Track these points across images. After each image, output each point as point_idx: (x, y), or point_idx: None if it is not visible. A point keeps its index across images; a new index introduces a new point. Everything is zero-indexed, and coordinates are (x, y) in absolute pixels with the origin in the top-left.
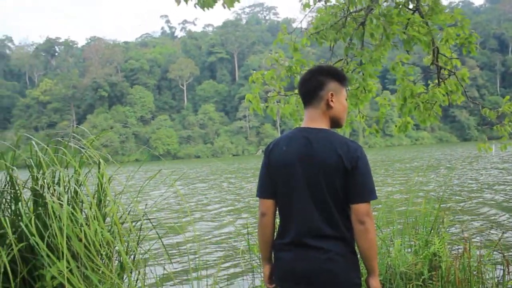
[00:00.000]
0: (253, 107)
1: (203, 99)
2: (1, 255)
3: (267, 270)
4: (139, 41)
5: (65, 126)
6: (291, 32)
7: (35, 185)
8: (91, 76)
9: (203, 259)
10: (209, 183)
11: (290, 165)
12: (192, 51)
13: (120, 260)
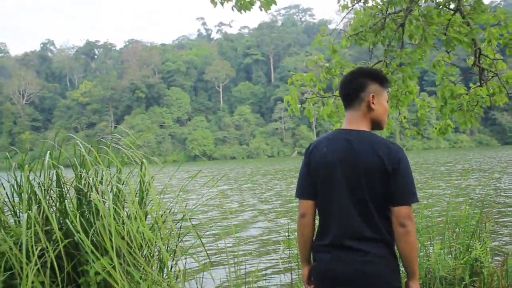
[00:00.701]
0: (292, 109)
1: (239, 101)
2: (49, 251)
3: (305, 270)
4: (176, 43)
5: (103, 126)
6: (330, 33)
7: (79, 183)
8: (129, 77)
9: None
10: (248, 184)
11: (330, 166)
12: (228, 52)
13: (161, 258)
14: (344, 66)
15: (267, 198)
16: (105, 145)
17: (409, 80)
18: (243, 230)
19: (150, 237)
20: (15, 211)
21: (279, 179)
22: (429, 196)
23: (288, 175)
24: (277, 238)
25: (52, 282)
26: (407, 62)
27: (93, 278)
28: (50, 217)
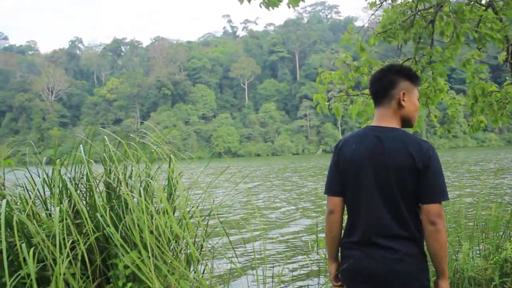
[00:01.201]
0: (320, 107)
1: (264, 98)
2: (80, 243)
3: (333, 268)
4: (201, 40)
5: (130, 123)
6: (358, 31)
7: (108, 178)
8: (155, 75)
9: (269, 254)
10: (276, 182)
11: (360, 163)
12: (253, 50)
13: (188, 253)
14: (372, 64)
15: (295, 195)
16: (134, 141)
17: (439, 78)
18: (271, 227)
19: (178, 232)
20: (46, 204)
21: (307, 177)
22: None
23: (316, 173)
24: (305, 238)
25: (82, 274)
26: (438, 60)
27: (122, 272)
28: (81, 211)
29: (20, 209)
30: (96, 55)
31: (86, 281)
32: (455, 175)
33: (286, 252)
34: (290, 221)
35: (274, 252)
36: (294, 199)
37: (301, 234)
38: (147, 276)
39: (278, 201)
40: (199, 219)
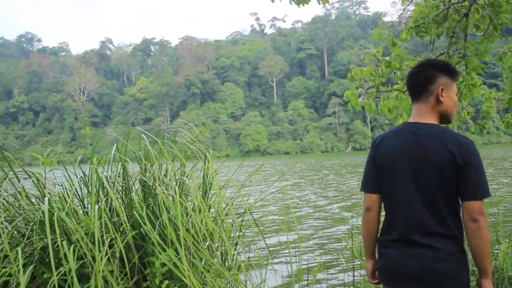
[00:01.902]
0: (352, 104)
1: (292, 95)
2: (118, 241)
3: (370, 265)
4: (229, 39)
5: (159, 122)
6: (389, 26)
7: (143, 176)
8: (184, 74)
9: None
10: (307, 179)
11: (397, 160)
12: (281, 47)
13: (223, 250)
14: (403, 59)
15: (330, 193)
16: (169, 139)
17: (473, 73)
18: (305, 225)
19: (214, 229)
20: (83, 202)
21: (342, 174)
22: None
23: (350, 170)
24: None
25: (119, 272)
26: (473, 53)
27: (158, 269)
28: (119, 209)
29: (59, 207)
30: (126, 55)
31: (124, 278)
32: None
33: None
34: (325, 219)
35: (309, 250)
36: (329, 197)
37: (336, 231)
38: (185, 274)
39: (313, 199)
40: (233, 217)
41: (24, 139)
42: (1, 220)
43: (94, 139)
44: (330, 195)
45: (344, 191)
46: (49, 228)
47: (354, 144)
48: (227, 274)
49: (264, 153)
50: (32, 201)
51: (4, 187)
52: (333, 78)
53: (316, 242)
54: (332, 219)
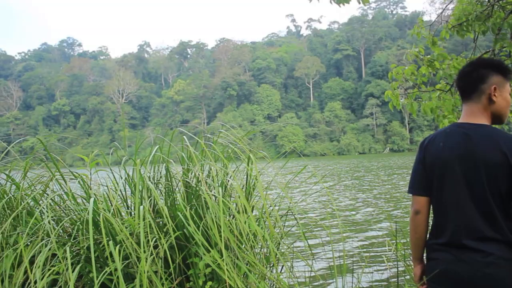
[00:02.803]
0: (393, 104)
1: (329, 97)
2: (162, 242)
3: (418, 270)
4: (265, 40)
5: (197, 124)
6: (429, 25)
7: (186, 177)
8: (220, 76)
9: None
10: (349, 181)
11: (447, 161)
12: (318, 49)
13: (267, 252)
14: (446, 59)
15: (372, 194)
16: (211, 140)
17: None
18: (350, 228)
19: (258, 231)
20: (127, 203)
21: (383, 176)
22: None
23: (390, 172)
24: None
25: (163, 272)
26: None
27: (202, 270)
28: (162, 210)
29: (104, 208)
30: (163, 58)
31: (168, 279)
32: None
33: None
34: (368, 221)
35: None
36: (372, 199)
37: (380, 234)
38: (229, 275)
39: (355, 201)
40: (277, 218)
41: (65, 141)
42: (48, 220)
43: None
44: (373, 196)
45: (388, 193)
46: (91, 228)
47: (392, 146)
48: (271, 275)
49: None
50: (77, 202)
51: (51, 187)
52: (370, 79)
53: (359, 244)
54: (375, 221)
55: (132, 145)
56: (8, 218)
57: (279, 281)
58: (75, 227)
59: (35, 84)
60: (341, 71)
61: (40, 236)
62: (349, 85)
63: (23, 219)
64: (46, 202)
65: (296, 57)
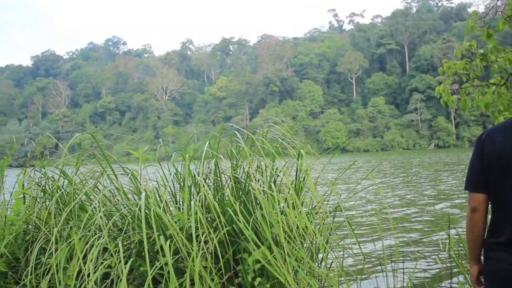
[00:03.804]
0: (444, 99)
1: (372, 92)
2: (213, 237)
3: (475, 270)
4: (307, 36)
5: (239, 120)
6: (483, 17)
7: (235, 173)
8: (262, 72)
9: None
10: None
11: (507, 157)
12: (360, 43)
13: (314, 248)
14: (500, 52)
15: (423, 192)
16: (262, 135)
17: None
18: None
19: (308, 227)
20: (175, 198)
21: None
22: None
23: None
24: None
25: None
26: None
27: (251, 266)
28: (212, 206)
29: (154, 203)
30: (206, 55)
31: (218, 274)
32: None
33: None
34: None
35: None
36: (424, 196)
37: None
38: (278, 271)
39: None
40: (326, 213)
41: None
42: (100, 215)
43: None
44: (425, 194)
45: (440, 190)
46: (144, 222)
47: (437, 141)
48: (321, 272)
49: (344, 150)
50: (128, 197)
51: (102, 182)
52: (415, 74)
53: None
54: (427, 220)
55: (176, 142)
56: (62, 212)
57: (329, 278)
58: (125, 222)
59: (82, 82)
60: (385, 65)
61: (92, 230)
62: (393, 80)
63: (76, 213)
64: (99, 197)
65: (339, 52)
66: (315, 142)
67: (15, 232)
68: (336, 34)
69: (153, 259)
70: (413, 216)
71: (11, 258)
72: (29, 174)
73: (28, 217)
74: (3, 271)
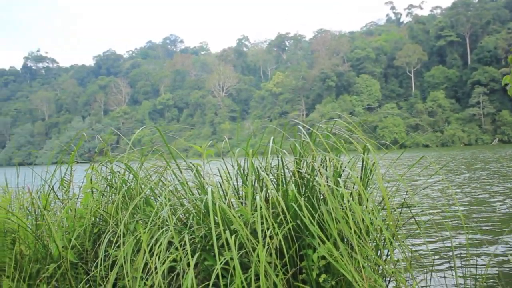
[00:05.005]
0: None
1: (432, 86)
2: (278, 233)
3: None
4: (364, 30)
5: (295, 115)
6: None
7: (298, 168)
8: (319, 67)
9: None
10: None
11: None
12: (419, 36)
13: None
14: None
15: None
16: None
17: None
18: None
19: (375, 222)
20: (238, 193)
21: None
22: None
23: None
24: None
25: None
26: None
27: (316, 263)
28: (276, 201)
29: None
30: (261, 51)
31: (282, 270)
32: None
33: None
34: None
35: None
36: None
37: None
38: (344, 268)
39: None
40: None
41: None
42: (167, 209)
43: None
44: (494, 192)
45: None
46: (213, 217)
47: (501, 136)
48: (390, 270)
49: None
50: (192, 191)
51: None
52: (477, 66)
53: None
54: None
55: (233, 138)
56: (128, 206)
57: (398, 276)
58: (190, 216)
59: (142, 80)
60: (445, 58)
61: (157, 224)
62: (454, 73)
63: (141, 207)
64: (165, 192)
65: (397, 46)
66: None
67: (84, 225)
68: (393, 27)
69: (217, 254)
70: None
71: (81, 249)
72: (97, 169)
73: (96, 211)
74: (74, 261)
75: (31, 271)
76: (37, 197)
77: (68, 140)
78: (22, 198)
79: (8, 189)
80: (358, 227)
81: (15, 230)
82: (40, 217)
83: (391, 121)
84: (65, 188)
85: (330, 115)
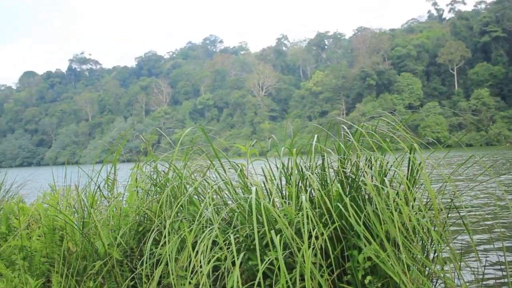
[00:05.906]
0: None
1: (475, 83)
2: (323, 233)
3: None
4: (405, 27)
5: (335, 114)
6: None
7: (342, 167)
8: (359, 65)
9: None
10: None
11: None
12: (462, 32)
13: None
14: None
15: None
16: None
17: None
18: None
19: (422, 223)
20: (282, 192)
21: None
22: None
23: None
24: None
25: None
26: None
27: (362, 264)
28: (322, 200)
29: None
30: (301, 50)
31: (327, 271)
32: None
33: None
34: None
35: None
36: None
37: None
38: (391, 270)
39: None
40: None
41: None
42: (211, 209)
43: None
44: None
45: None
46: (255, 217)
47: None
48: (438, 272)
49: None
50: (236, 191)
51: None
52: None
53: None
54: None
55: (273, 137)
56: (172, 205)
57: (446, 279)
58: (234, 215)
59: (182, 80)
60: (489, 55)
61: (201, 223)
62: (499, 69)
63: (185, 206)
64: (210, 192)
65: (439, 43)
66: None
67: (129, 223)
68: (435, 23)
69: (261, 254)
70: None
71: (126, 247)
72: (141, 168)
73: (141, 209)
74: (120, 259)
75: (78, 267)
76: (83, 196)
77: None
78: (69, 196)
79: (56, 188)
80: (405, 227)
81: (63, 227)
82: (86, 215)
83: (433, 120)
84: (110, 187)
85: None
